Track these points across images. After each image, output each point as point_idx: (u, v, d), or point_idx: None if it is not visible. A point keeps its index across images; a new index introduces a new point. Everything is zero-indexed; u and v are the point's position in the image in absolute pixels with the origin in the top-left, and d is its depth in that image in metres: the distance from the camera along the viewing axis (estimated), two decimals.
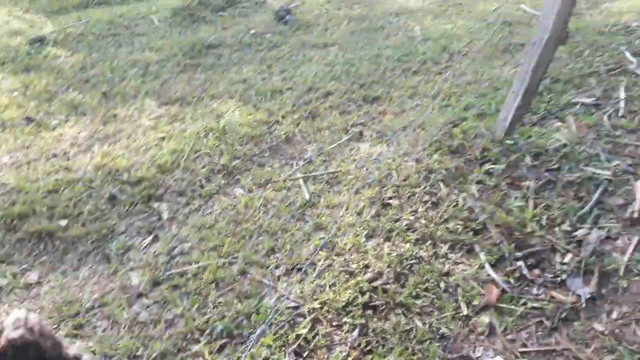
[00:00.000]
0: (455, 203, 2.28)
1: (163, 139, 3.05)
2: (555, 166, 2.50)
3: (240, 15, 5.09)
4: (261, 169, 2.72)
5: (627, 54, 3.65)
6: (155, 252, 2.22)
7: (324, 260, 2.00)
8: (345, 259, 2.02)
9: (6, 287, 2.07)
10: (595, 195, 2.28)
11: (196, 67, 4.05)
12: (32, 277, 2.14)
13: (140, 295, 2.00)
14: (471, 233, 2.11)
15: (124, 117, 3.39)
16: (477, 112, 3.01)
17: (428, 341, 1.69)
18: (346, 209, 2.30)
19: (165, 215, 2.46)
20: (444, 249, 2.04)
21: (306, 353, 1.69)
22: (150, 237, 2.33)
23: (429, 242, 2.08)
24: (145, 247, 2.27)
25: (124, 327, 1.85)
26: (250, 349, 1.68)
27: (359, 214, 2.27)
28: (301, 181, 2.55)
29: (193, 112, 3.34)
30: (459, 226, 2.14)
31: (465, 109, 3.06)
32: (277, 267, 2.02)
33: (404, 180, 2.46)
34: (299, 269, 1.98)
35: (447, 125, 2.88)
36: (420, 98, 3.29)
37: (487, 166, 2.49)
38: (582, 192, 2.33)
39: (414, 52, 3.99)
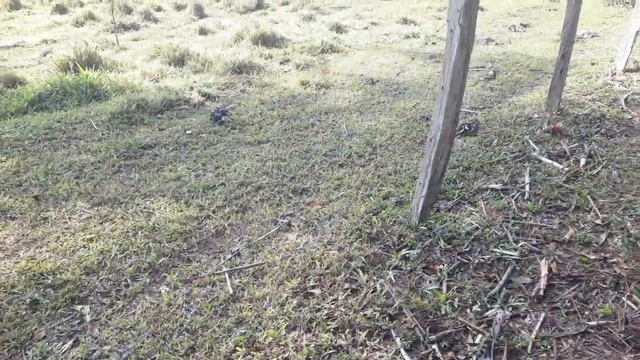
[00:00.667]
0: (373, 289, 2.38)
1: (91, 239, 3.05)
2: (467, 249, 2.68)
3: (177, 117, 5.31)
4: (188, 265, 2.75)
5: (530, 142, 4.06)
6: (73, 357, 2.15)
7: (243, 357, 2.01)
8: (265, 354, 2.04)
9: None
10: (504, 276, 2.45)
11: (131, 167, 4.14)
12: None
13: None
14: (388, 318, 2.19)
15: (54, 219, 3.37)
16: (396, 200, 3.21)
17: None
18: (269, 301, 2.35)
19: (87, 318, 2.41)
20: (362, 336, 2.10)
21: None
22: (71, 342, 2.26)
23: (348, 330, 2.14)
24: (65, 352, 2.20)
25: None
26: None
27: (282, 305, 2.32)
28: (227, 275, 2.59)
29: (124, 211, 3.38)
30: (376, 312, 2.22)
31: (385, 198, 3.26)
32: None
33: (327, 268, 2.56)
34: None
35: (368, 214, 3.05)
36: (345, 189, 3.48)
37: (403, 252, 2.63)
38: (492, 273, 2.49)
39: (340, 147, 4.26)
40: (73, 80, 6.12)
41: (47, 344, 2.26)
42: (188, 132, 4.83)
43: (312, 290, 2.41)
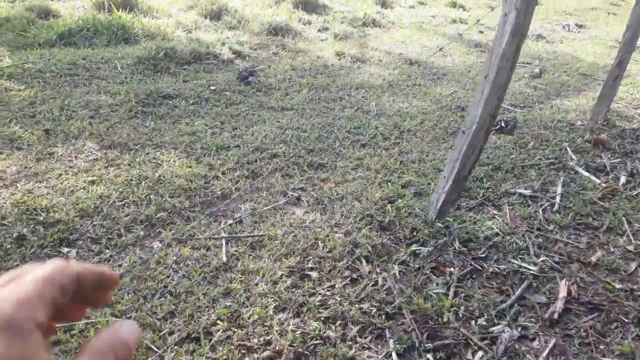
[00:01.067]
0: (374, 282, 2.21)
1: (93, 182, 2.93)
2: (483, 255, 2.47)
3: (204, 71, 5.12)
4: (186, 224, 2.61)
5: (569, 150, 3.78)
6: None
7: (223, 332, 1.87)
8: (246, 332, 1.89)
9: None
10: (518, 291, 2.25)
11: (148, 114, 4.00)
12: None
13: None
14: (384, 316, 2.02)
15: (60, 156, 3.26)
16: (415, 190, 3.01)
17: None
18: (262, 277, 2.20)
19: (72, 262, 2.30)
20: (353, 331, 1.94)
21: None
22: None
23: (340, 321, 1.97)
24: None
25: None
26: None
27: (275, 283, 2.16)
28: (223, 242, 2.45)
29: (132, 159, 3.25)
30: (373, 308, 2.05)
31: (404, 187, 3.06)
32: (171, 333, 1.87)
33: (329, 251, 2.39)
34: (194, 339, 1.84)
35: (383, 201, 2.86)
36: (363, 170, 3.28)
37: (414, 247, 2.44)
38: (506, 286, 2.29)
39: (366, 126, 4.04)
40: (105, 19, 5.97)
41: None
42: (212, 87, 4.65)
43: (310, 273, 2.24)
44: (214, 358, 1.76)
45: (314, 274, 2.24)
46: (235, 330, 1.88)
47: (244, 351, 1.80)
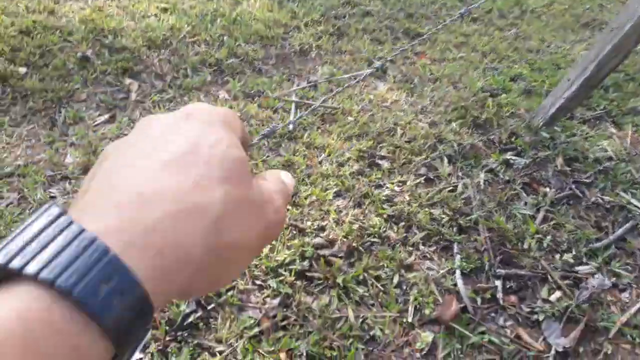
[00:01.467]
0: (453, 187, 1.91)
1: (166, 10, 2.67)
2: (588, 180, 2.08)
3: None
4: (257, 77, 2.35)
5: None
6: (103, 133, 1.93)
7: None
8: (301, 212, 1.70)
9: None
10: (620, 230, 1.89)
11: None
12: None
13: (65, 178, 1.74)
14: (456, 228, 1.76)
15: None
16: (525, 87, 2.53)
17: (353, 339, 1.41)
18: (328, 156, 1.95)
19: (132, 96, 2.14)
20: (417, 236, 1.71)
21: (211, 306, 1.43)
22: (107, 116, 2.03)
23: (404, 223, 1.74)
24: (97, 124, 1.98)
25: (31, 209, 1.61)
26: None
27: (340, 165, 1.92)
28: (293, 106, 2.18)
29: None
30: (445, 216, 1.78)
31: (512, 80, 2.58)
32: None
33: (407, 141, 2.08)
34: None
35: (484, 92, 2.43)
36: (467, 51, 2.79)
37: (508, 155, 2.08)
38: (605, 221, 1.94)
39: None
40: None
41: (83, 108, 2.04)
42: None
43: (380, 162, 1.97)
44: None
45: (385, 164, 1.96)
46: (290, 207, 1.69)
47: (294, 232, 1.64)
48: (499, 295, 1.60)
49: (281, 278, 1.51)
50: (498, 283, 1.64)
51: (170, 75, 2.27)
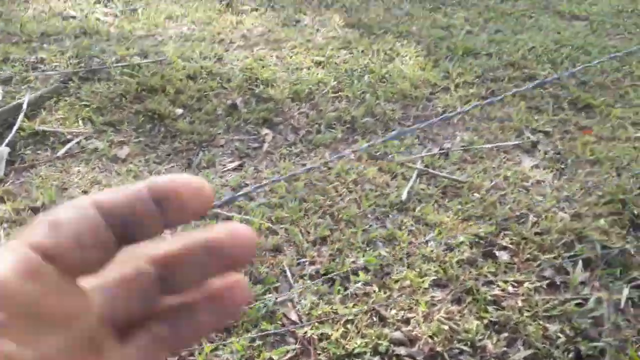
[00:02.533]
0: (582, 300, 1.59)
1: (319, 64, 2.78)
2: None
3: None
4: (386, 140, 2.29)
5: None
6: (227, 180, 2.06)
7: (362, 285, 1.59)
8: (388, 296, 1.57)
9: (98, 152, 2.16)
10: None
11: None
12: (122, 152, 2.19)
13: None
14: (573, 354, 1.44)
15: (304, 25, 3.19)
16: None
17: None
18: (437, 234, 1.79)
19: (265, 147, 2.26)
20: (520, 354, 1.44)
21: None
22: (236, 164, 2.17)
23: (507, 334, 1.49)
24: (225, 171, 2.13)
25: None
26: None
27: (449, 249, 1.74)
28: (414, 173, 2.06)
29: (368, 45, 2.96)
30: (562, 335, 1.48)
31: None
32: (312, 263, 1.68)
33: (537, 233, 1.80)
34: (330, 280, 1.62)
35: None
36: None
37: None
38: None
39: None
40: None
41: (220, 153, 2.21)
42: None
43: (498, 253, 1.74)
44: (339, 312, 1.52)
45: (504, 256, 1.72)
46: (376, 289, 1.58)
47: (375, 318, 1.52)
48: None
49: None
50: None
51: (305, 129, 2.34)
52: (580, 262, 1.69)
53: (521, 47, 2.98)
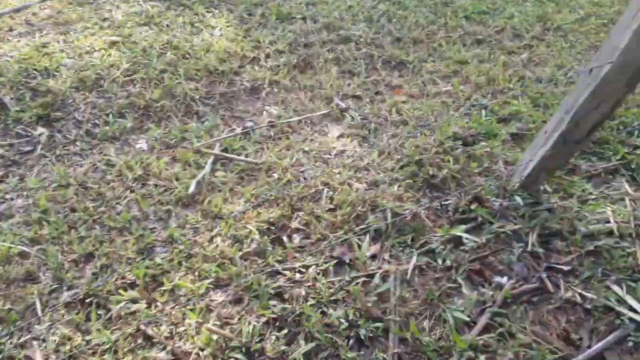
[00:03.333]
0: (369, 277, 1.50)
1: (114, 44, 2.46)
2: (567, 266, 1.59)
3: None
4: (185, 124, 2.06)
5: None
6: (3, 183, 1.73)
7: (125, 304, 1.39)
8: (158, 310, 1.39)
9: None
10: (598, 345, 1.40)
11: None
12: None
13: None
14: (354, 340, 1.35)
15: (102, 2, 2.81)
16: (518, 130, 2.04)
17: None
18: (227, 227, 1.62)
19: (38, 150, 1.94)
20: (300, 350, 1.33)
21: None
22: (3, 172, 1.84)
23: (288, 330, 1.37)
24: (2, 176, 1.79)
25: None
26: None
27: (238, 241, 1.58)
28: (210, 160, 1.87)
29: (174, 18, 2.68)
30: (345, 320, 1.38)
31: (502, 120, 2.10)
32: (70, 287, 1.44)
33: (330, 209, 1.70)
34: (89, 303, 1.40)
35: (455, 140, 1.97)
36: (457, 83, 2.32)
37: (460, 228, 1.63)
38: (580, 331, 1.45)
39: (497, 12, 2.89)
40: None
41: None
42: None
43: (287, 238, 1.61)
44: (94, 342, 1.31)
45: (296, 240, 1.60)
46: (144, 306, 1.38)
47: (140, 340, 1.32)
48: None
49: None
50: None
51: (90, 122, 2.05)
52: (368, 235, 1.60)
53: (337, 7, 2.86)
